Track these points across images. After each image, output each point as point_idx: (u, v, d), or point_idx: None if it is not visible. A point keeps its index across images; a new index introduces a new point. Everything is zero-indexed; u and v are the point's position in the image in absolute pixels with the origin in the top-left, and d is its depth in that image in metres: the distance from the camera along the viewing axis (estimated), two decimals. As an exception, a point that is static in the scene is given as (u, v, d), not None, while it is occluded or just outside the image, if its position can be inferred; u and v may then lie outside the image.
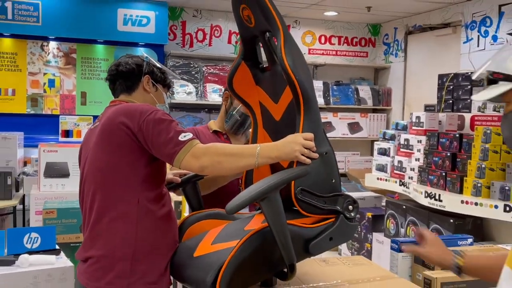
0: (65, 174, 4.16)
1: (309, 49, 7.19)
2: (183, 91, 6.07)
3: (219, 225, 1.76)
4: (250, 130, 1.91)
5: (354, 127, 6.88)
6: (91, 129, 1.83)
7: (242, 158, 1.54)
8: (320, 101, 6.59)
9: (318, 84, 6.62)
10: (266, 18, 1.57)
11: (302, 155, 1.51)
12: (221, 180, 2.07)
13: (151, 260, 1.61)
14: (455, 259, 1.47)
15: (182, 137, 1.58)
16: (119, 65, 1.87)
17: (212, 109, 6.23)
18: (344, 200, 1.56)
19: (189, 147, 1.56)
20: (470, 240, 2.11)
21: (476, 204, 3.64)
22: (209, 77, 6.28)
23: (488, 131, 3.73)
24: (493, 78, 1.12)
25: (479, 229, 3.66)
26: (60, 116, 5.68)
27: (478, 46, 5.44)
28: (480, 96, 1.18)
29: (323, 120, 6.48)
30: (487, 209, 3.59)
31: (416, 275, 1.84)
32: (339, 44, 7.34)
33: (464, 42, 5.64)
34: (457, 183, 3.88)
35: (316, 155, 1.52)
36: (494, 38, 5.25)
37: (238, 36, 1.87)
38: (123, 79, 1.86)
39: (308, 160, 1.52)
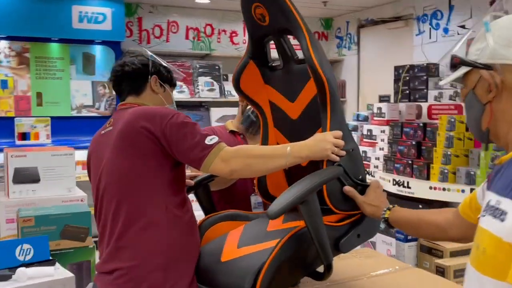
0: (36, 180, 3.99)
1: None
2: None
3: (236, 227, 1.77)
4: None
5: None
6: (101, 134, 1.75)
7: (272, 159, 1.54)
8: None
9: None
10: (285, 17, 1.59)
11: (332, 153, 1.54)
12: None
13: (182, 268, 1.58)
14: (384, 213, 1.55)
15: (208, 141, 1.54)
16: (124, 65, 1.79)
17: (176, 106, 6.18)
18: None
19: (218, 150, 1.52)
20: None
21: (444, 189, 3.84)
22: (168, 74, 6.22)
23: (453, 120, 3.94)
24: (453, 63, 1.17)
25: (448, 213, 3.84)
26: (16, 118, 5.46)
27: (430, 38, 5.70)
28: (444, 81, 1.24)
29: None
30: (455, 193, 3.79)
31: (423, 263, 1.94)
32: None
33: (416, 35, 5.88)
34: (424, 170, 4.07)
35: (344, 153, 1.56)
36: (445, 30, 5.52)
37: (246, 34, 1.86)
38: (129, 80, 1.78)
39: (338, 158, 1.56)
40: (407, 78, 4.96)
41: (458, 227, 1.42)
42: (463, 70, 1.18)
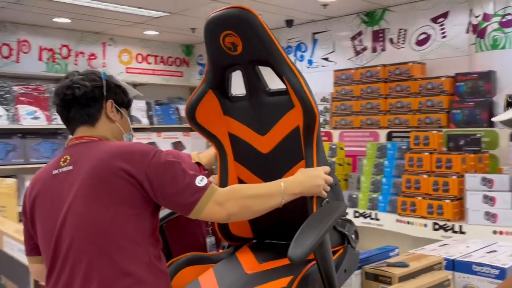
0: None
1: (126, 68, 6.96)
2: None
3: (203, 271, 1.61)
4: None
5: (177, 146, 6.88)
6: (53, 175, 1.43)
7: (269, 199, 1.41)
8: (145, 121, 6.42)
9: (141, 104, 6.44)
10: (264, 48, 1.51)
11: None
12: None
13: None
14: None
15: (199, 182, 1.35)
16: (74, 88, 1.47)
17: (27, 133, 5.54)
18: (351, 227, 1.58)
19: (211, 193, 1.35)
20: (396, 251, 2.36)
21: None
22: (20, 98, 5.57)
23: (334, 147, 4.16)
24: (510, 101, 1.29)
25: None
26: None
27: (295, 68, 6.00)
28: (498, 118, 1.34)
29: (147, 141, 6.33)
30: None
31: (368, 292, 1.97)
32: (155, 63, 7.28)
33: (281, 65, 6.15)
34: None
35: (328, 188, 1.51)
36: (310, 62, 5.87)
37: (208, 63, 1.71)
38: (81, 106, 1.48)
39: (326, 194, 1.50)
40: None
41: None
42: None
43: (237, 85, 1.74)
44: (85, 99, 1.48)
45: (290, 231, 1.69)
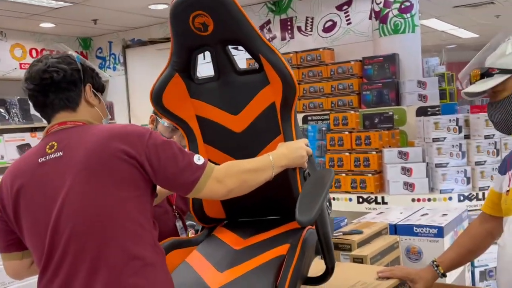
0: None
1: (20, 64, 6.48)
2: None
3: (187, 254, 1.60)
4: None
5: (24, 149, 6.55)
6: (40, 163, 1.33)
7: (263, 172, 1.43)
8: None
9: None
10: (238, 27, 1.52)
11: None
12: (158, 200, 1.83)
13: None
14: (437, 271, 1.75)
15: (197, 160, 1.35)
16: (51, 72, 1.38)
17: None
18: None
19: (210, 171, 1.35)
20: (346, 221, 2.50)
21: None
22: None
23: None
24: (488, 72, 1.47)
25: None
26: None
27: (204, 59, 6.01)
28: (477, 87, 1.49)
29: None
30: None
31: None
32: (52, 58, 6.87)
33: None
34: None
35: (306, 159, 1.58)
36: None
37: (173, 45, 1.67)
38: (60, 90, 1.40)
39: (306, 165, 1.55)
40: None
41: (494, 226, 1.68)
42: (503, 77, 1.45)
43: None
44: (65, 83, 1.40)
45: (264, 207, 1.74)
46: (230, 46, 1.64)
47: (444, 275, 1.76)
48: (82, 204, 1.27)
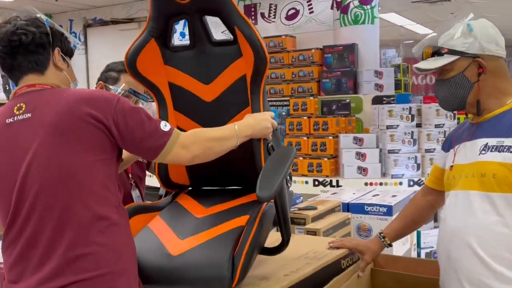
0: None
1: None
2: None
3: (148, 220, 1.65)
4: None
5: None
6: (7, 124, 1.35)
7: (227, 141, 1.48)
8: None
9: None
10: None
11: None
12: (124, 166, 1.86)
13: (134, 270, 1.39)
14: (384, 242, 1.86)
15: (163, 126, 1.37)
16: (20, 34, 1.38)
17: None
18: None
19: (176, 137, 1.39)
20: (301, 198, 2.61)
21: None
22: None
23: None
24: (440, 52, 1.55)
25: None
26: None
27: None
28: (428, 65, 1.57)
29: None
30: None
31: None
32: (9, 33, 6.69)
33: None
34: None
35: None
36: (182, 34, 5.91)
37: (151, 11, 1.70)
38: (28, 53, 1.40)
39: (271, 137, 1.61)
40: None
41: (435, 199, 1.80)
42: (451, 58, 1.54)
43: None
44: (34, 46, 1.41)
45: (227, 176, 1.81)
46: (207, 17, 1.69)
47: (390, 245, 1.89)
48: (49, 165, 1.30)
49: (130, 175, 2.10)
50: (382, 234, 1.89)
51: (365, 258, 1.86)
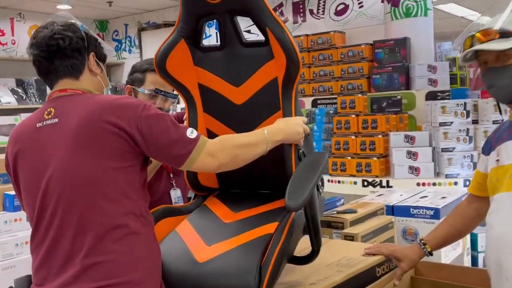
0: None
1: (37, 45, 6.59)
2: None
3: (176, 224, 1.63)
4: None
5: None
6: (37, 128, 1.38)
7: (256, 147, 1.43)
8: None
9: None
10: None
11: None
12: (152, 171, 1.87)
13: (157, 279, 1.39)
14: (425, 250, 1.75)
15: (190, 134, 1.36)
16: (58, 39, 1.40)
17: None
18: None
19: (202, 144, 1.36)
20: (342, 201, 2.52)
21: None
22: None
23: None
24: (506, 33, 1.42)
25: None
26: None
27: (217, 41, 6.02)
28: (497, 45, 1.44)
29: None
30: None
31: (323, 236, 2.09)
32: (68, 40, 6.97)
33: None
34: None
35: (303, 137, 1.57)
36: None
37: (181, 11, 1.68)
38: (66, 58, 1.43)
39: (302, 143, 1.55)
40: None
41: (481, 206, 1.67)
42: None
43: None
44: (70, 50, 1.43)
45: (256, 180, 1.76)
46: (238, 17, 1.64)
47: (430, 254, 1.77)
48: (70, 171, 1.32)
49: (171, 175, 2.08)
50: (422, 241, 1.77)
51: (402, 265, 1.75)
